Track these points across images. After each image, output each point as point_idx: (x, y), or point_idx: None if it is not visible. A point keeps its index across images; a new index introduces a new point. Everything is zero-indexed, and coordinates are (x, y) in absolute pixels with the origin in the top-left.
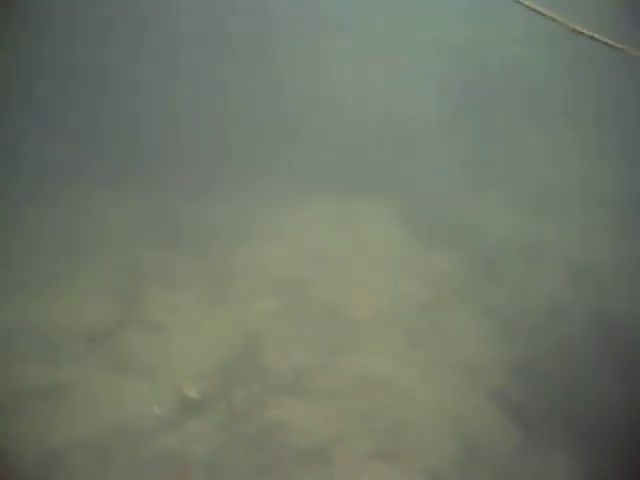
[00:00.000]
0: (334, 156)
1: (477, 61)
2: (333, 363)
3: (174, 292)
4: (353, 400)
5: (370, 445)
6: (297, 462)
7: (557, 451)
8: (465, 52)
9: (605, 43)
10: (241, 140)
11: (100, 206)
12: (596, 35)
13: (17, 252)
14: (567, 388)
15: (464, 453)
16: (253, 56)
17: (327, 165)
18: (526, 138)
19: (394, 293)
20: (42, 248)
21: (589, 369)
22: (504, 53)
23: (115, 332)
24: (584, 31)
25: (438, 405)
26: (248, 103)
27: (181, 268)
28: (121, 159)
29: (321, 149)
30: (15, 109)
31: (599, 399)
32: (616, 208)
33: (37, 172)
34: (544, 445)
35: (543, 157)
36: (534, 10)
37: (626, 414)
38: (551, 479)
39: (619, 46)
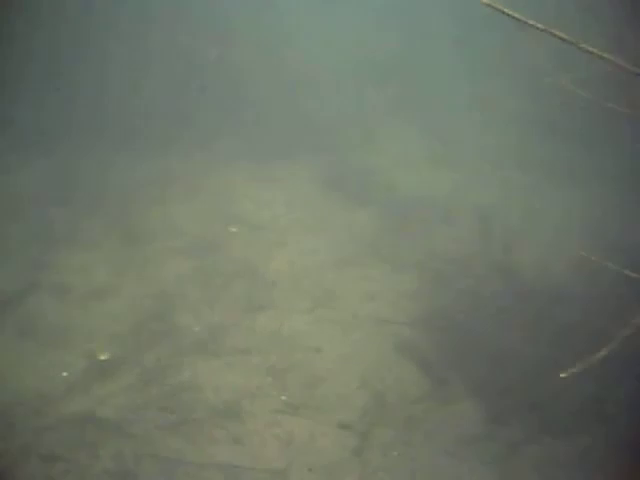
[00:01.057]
0: (251, 120)
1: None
2: (246, 321)
3: (84, 255)
4: (265, 356)
5: (281, 400)
6: (209, 421)
7: (463, 400)
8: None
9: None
10: (158, 103)
11: (4, 171)
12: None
13: None
14: (474, 340)
15: (374, 406)
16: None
17: (244, 128)
18: (442, 96)
19: (310, 251)
20: None
21: (495, 321)
22: None
23: (23, 298)
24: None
25: (349, 359)
26: (168, 67)
27: (91, 230)
28: (26, 122)
29: (238, 113)
30: None
31: (504, 349)
32: (526, 166)
33: None
34: (451, 395)
35: (458, 115)
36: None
37: (528, 363)
38: (457, 426)
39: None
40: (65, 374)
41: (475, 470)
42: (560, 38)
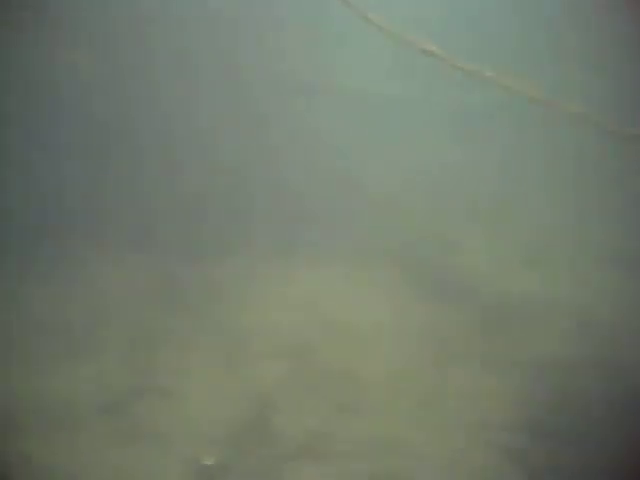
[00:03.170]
0: (338, 221)
1: None
2: (344, 426)
3: (185, 358)
4: (365, 463)
5: None
6: None
7: None
8: None
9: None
10: (244, 203)
11: (102, 274)
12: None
13: (21, 325)
14: (582, 447)
15: None
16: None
17: (330, 229)
18: (530, 188)
19: (401, 354)
20: (47, 322)
21: (603, 425)
22: None
23: (128, 401)
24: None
25: (451, 467)
26: (246, 167)
27: (190, 333)
28: (119, 225)
29: (324, 213)
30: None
31: (615, 459)
32: (622, 261)
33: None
34: None
35: (552, 210)
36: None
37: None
38: None
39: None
40: None
41: None
42: None
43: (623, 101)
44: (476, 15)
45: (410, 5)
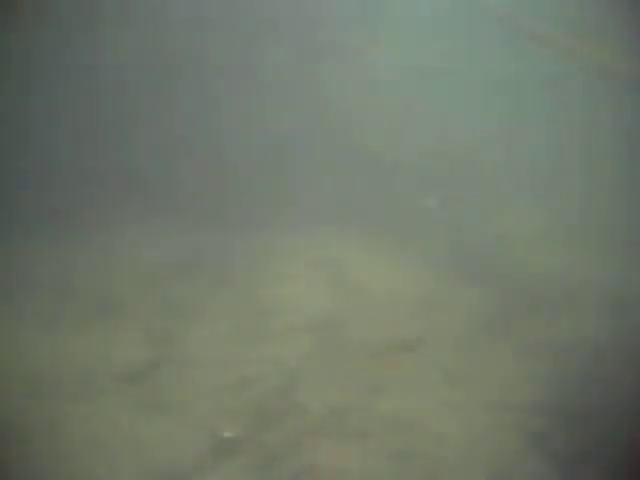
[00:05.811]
0: (365, 195)
1: None
2: (367, 403)
3: (206, 329)
4: (386, 441)
5: None
6: None
7: None
8: None
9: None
10: (271, 175)
11: (131, 244)
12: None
13: (47, 292)
14: (610, 433)
15: None
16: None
17: (361, 203)
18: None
19: (427, 331)
20: (73, 289)
21: (629, 411)
22: None
23: (148, 371)
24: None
25: (473, 447)
26: (286, 141)
27: (212, 304)
28: (151, 195)
29: (354, 186)
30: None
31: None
32: None
33: (66, 210)
34: None
35: (587, 192)
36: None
37: None
38: None
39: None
40: (192, 451)
41: None
42: None
43: None
44: None
45: None
